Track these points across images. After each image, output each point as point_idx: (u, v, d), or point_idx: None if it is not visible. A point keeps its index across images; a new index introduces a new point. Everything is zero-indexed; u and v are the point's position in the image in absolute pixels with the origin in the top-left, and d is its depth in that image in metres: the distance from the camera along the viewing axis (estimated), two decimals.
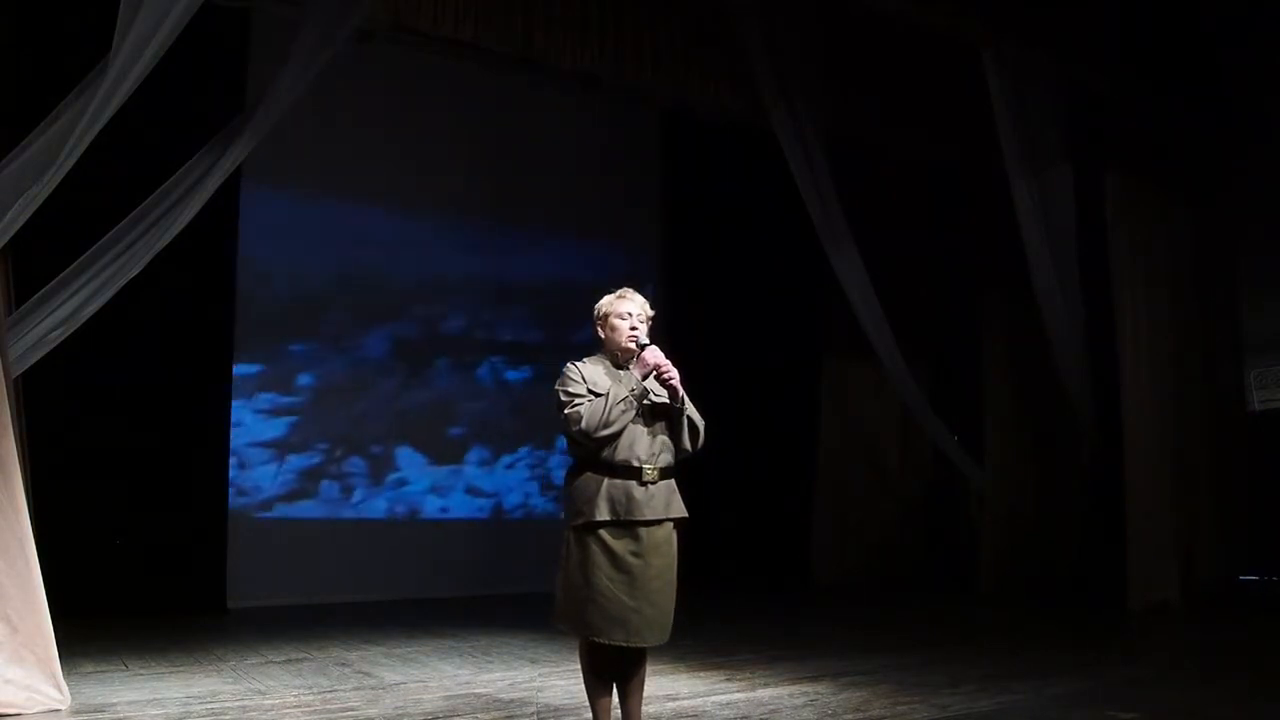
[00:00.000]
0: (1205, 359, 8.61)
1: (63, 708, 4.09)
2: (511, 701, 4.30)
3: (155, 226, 5.29)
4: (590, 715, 3.47)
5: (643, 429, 3.29)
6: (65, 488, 6.28)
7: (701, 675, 4.93)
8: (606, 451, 3.24)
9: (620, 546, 3.20)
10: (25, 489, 4.18)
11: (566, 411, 3.25)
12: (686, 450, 3.41)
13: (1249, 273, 9.25)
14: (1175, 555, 7.83)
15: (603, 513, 3.20)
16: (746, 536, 9.43)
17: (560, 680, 4.73)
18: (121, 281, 5.22)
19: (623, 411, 3.22)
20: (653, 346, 3.34)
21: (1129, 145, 8.31)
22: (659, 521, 3.26)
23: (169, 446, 7.13)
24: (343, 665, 5.20)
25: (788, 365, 9.94)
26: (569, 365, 3.38)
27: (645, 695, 3.52)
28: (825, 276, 8.85)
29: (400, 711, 4.11)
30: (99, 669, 4.95)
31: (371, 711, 4.12)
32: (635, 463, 3.24)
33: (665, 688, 4.54)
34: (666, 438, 3.35)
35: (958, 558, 9.57)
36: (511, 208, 9.09)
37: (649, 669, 3.51)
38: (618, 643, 3.21)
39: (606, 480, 3.23)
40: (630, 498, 3.22)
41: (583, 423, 3.20)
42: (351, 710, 4.14)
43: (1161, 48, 8.55)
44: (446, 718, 4.01)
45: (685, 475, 3.41)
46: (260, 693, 4.48)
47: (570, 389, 3.29)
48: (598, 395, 3.26)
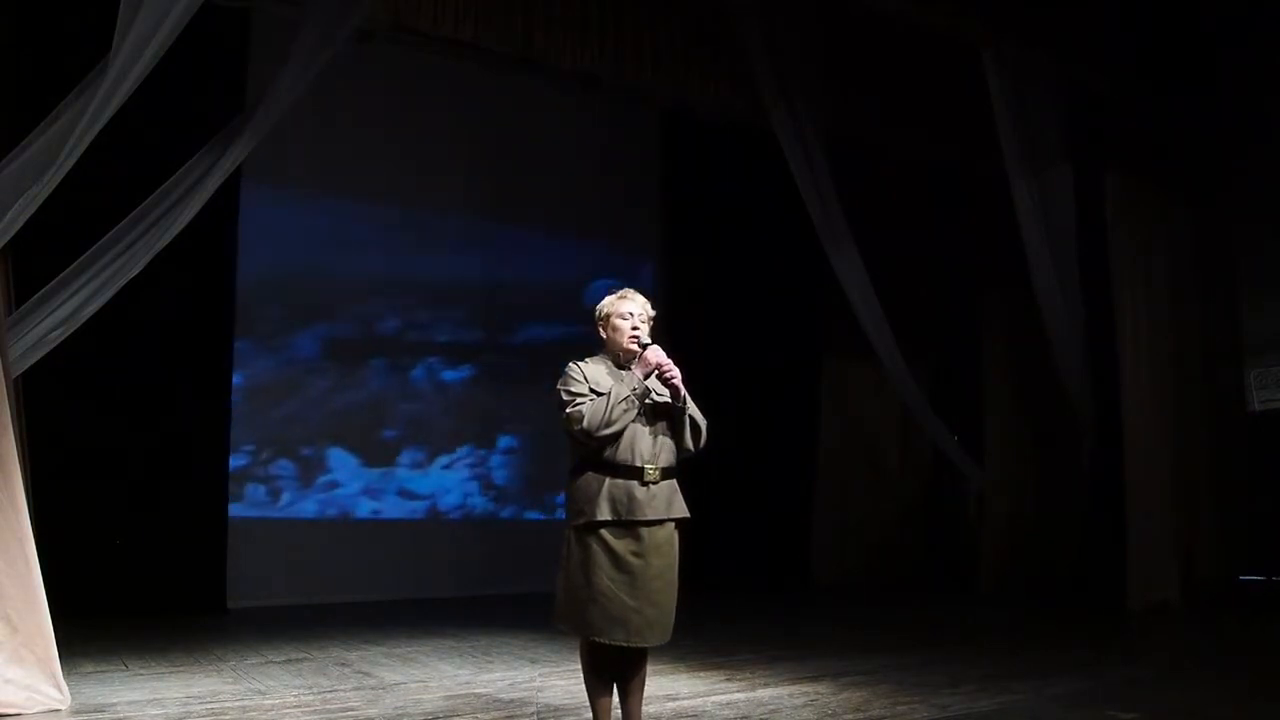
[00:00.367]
0: (1205, 359, 8.62)
1: (63, 708, 4.08)
2: (511, 701, 4.30)
3: (155, 226, 5.30)
4: (590, 715, 3.47)
5: (644, 428, 3.29)
6: (65, 488, 6.27)
7: (701, 675, 4.93)
8: (608, 451, 3.24)
9: (621, 546, 3.20)
10: (25, 489, 4.18)
11: (568, 411, 3.25)
12: (688, 450, 3.40)
13: (1249, 273, 9.26)
14: (1175, 555, 7.84)
15: (604, 512, 3.20)
16: (746, 536, 9.43)
17: (560, 680, 4.73)
18: (121, 281, 5.23)
19: (624, 411, 3.22)
20: (654, 345, 3.33)
21: (1129, 145, 8.31)
22: (660, 521, 3.26)
23: (169, 446, 7.13)
24: (343, 665, 5.20)
25: (788, 365, 9.94)
26: (571, 365, 3.38)
27: (645, 695, 3.52)
28: (825, 276, 8.85)
29: (400, 711, 4.11)
30: (99, 669, 4.95)
31: (371, 711, 4.11)
32: (637, 462, 3.24)
33: (665, 688, 4.54)
34: (668, 437, 3.35)
35: (958, 558, 9.57)
36: (511, 208, 9.09)
37: (649, 669, 3.51)
38: (618, 643, 3.21)
39: (608, 480, 3.23)
40: (632, 497, 3.21)
41: (584, 422, 3.20)
42: (351, 710, 4.14)
43: (1161, 48, 8.56)
44: (446, 718, 4.01)
45: (685, 475, 3.41)
46: (260, 693, 4.48)
47: (572, 388, 3.29)
48: (600, 395, 3.26)
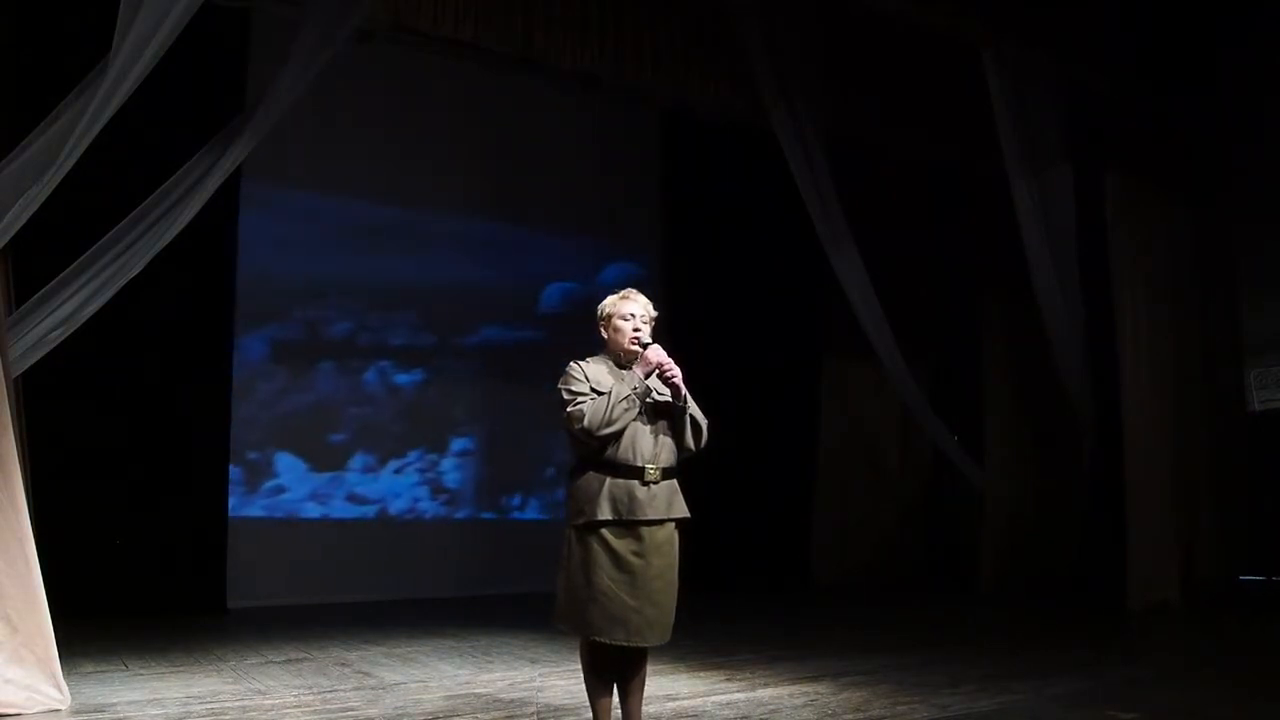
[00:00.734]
0: (1205, 359, 8.61)
1: (63, 708, 4.08)
2: (511, 701, 4.30)
3: (155, 226, 5.30)
4: (590, 715, 3.47)
5: (645, 428, 3.29)
6: (65, 488, 6.27)
7: (701, 675, 4.93)
8: (609, 450, 3.24)
9: (622, 546, 3.20)
10: (25, 489, 4.18)
11: (569, 410, 3.25)
12: (689, 449, 3.40)
13: (1249, 273, 9.25)
14: (1175, 555, 7.84)
15: (605, 512, 3.20)
16: (746, 536, 9.42)
17: (560, 680, 4.73)
18: (121, 281, 5.23)
19: (625, 410, 3.22)
20: (655, 345, 3.32)
21: (1129, 145, 8.30)
22: (661, 521, 3.26)
23: (169, 446, 7.13)
24: (343, 665, 5.19)
25: (788, 365, 9.94)
26: (572, 364, 3.38)
27: (645, 695, 3.52)
28: (825, 276, 8.85)
29: (400, 711, 4.11)
30: (99, 669, 4.95)
31: (371, 711, 4.11)
32: (638, 462, 3.24)
33: (665, 688, 4.54)
34: (669, 437, 3.35)
35: (958, 558, 9.57)
36: (511, 208, 9.08)
37: (649, 669, 3.51)
38: (619, 642, 3.21)
39: (609, 480, 3.23)
40: (632, 497, 3.21)
41: (585, 421, 3.20)
42: (351, 710, 4.14)
43: (1161, 48, 8.55)
44: (446, 718, 4.01)
45: (685, 475, 3.41)
46: (260, 693, 4.48)
47: (573, 387, 3.29)
48: (601, 394, 3.25)
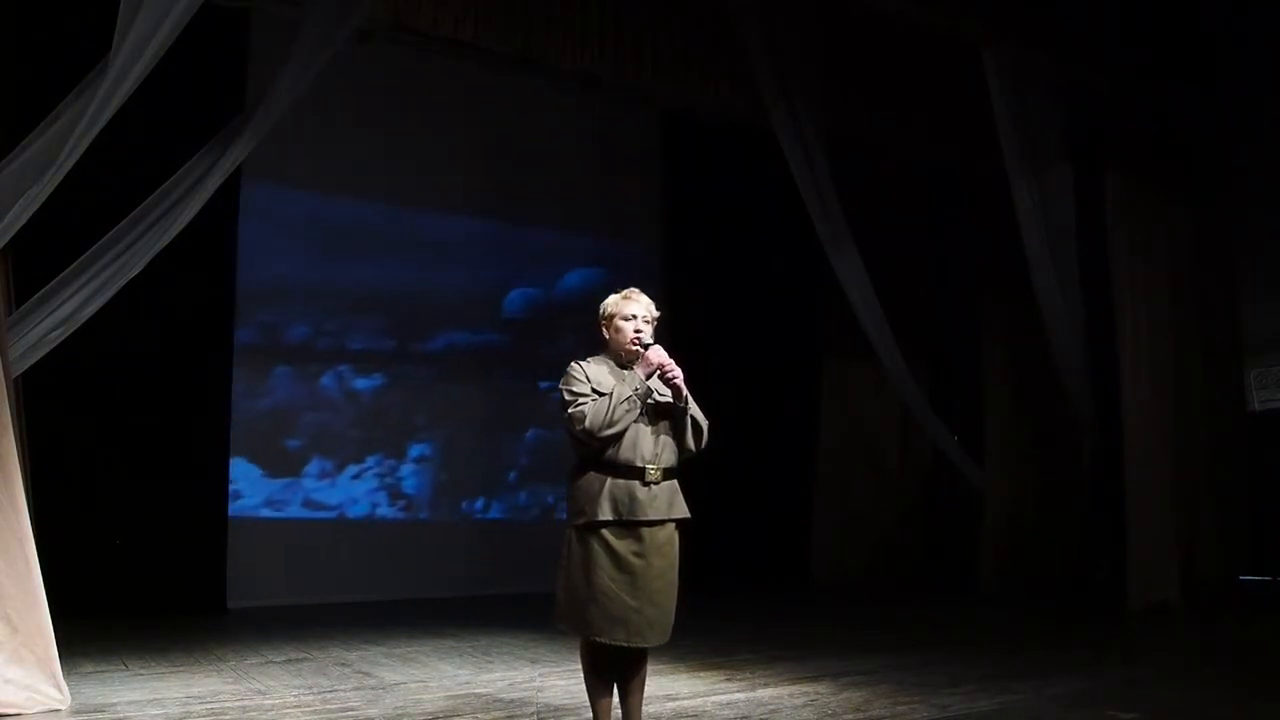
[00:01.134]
0: (1205, 359, 8.61)
1: (63, 708, 4.08)
2: (511, 701, 4.30)
3: (155, 226, 5.30)
4: (591, 715, 3.47)
5: (646, 429, 3.29)
6: (65, 488, 6.27)
7: (701, 675, 4.93)
8: (610, 451, 3.24)
9: (622, 546, 3.20)
10: (25, 489, 4.18)
11: (570, 411, 3.25)
12: (690, 450, 3.40)
13: (1249, 273, 9.25)
14: (1175, 555, 7.83)
15: (605, 512, 3.20)
16: (746, 536, 9.43)
17: (560, 680, 4.73)
18: (121, 281, 5.23)
19: (626, 411, 3.22)
20: (657, 346, 3.32)
21: (1129, 145, 8.30)
22: (661, 522, 3.26)
23: (169, 447, 7.13)
24: (343, 665, 5.19)
25: (788, 365, 9.95)
26: (573, 365, 3.38)
27: (645, 695, 3.52)
28: (825, 276, 8.85)
29: (400, 711, 4.11)
30: (99, 669, 4.95)
31: (371, 711, 4.11)
32: (639, 463, 3.24)
33: (665, 688, 4.54)
34: (670, 437, 3.35)
35: (958, 558, 9.57)
36: (511, 208, 9.08)
37: (649, 669, 3.51)
38: (619, 643, 3.21)
39: (609, 480, 3.23)
40: (633, 498, 3.21)
41: (586, 422, 3.20)
42: (351, 710, 4.14)
43: (1161, 48, 8.55)
44: (446, 718, 4.01)
45: (686, 475, 3.41)
46: (260, 693, 4.48)
47: (574, 388, 3.29)
48: (602, 395, 3.25)
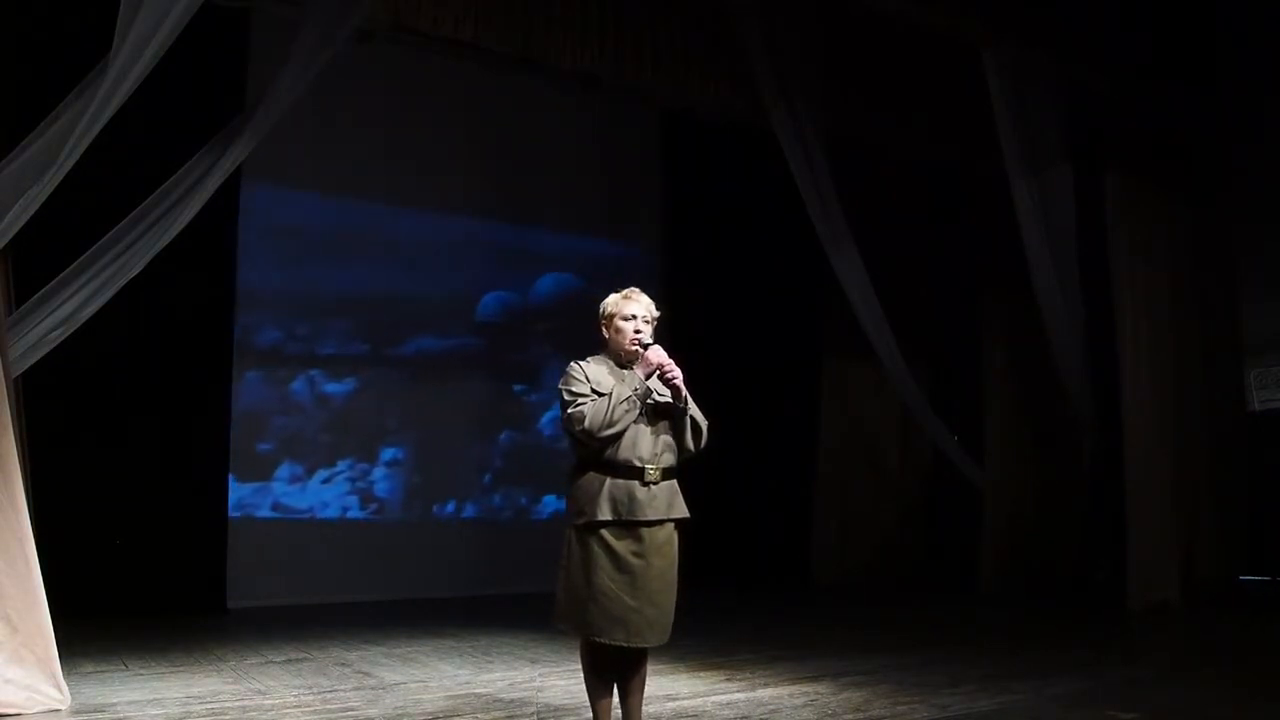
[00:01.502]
0: (1205, 359, 8.60)
1: (63, 708, 4.09)
2: (511, 701, 4.30)
3: (155, 226, 5.30)
4: (591, 715, 3.48)
5: (645, 429, 3.29)
6: (65, 488, 6.26)
7: (701, 675, 4.93)
8: (609, 451, 3.24)
9: (622, 547, 3.20)
10: (25, 489, 4.18)
11: (570, 411, 3.25)
12: (689, 450, 3.41)
13: (1249, 273, 9.24)
14: (1175, 555, 7.83)
15: (605, 513, 3.20)
16: (746, 536, 9.43)
17: (560, 680, 4.73)
18: (121, 281, 5.23)
19: (626, 411, 3.22)
20: (656, 346, 3.32)
21: (1129, 145, 8.29)
22: (660, 522, 3.26)
23: (169, 446, 7.13)
24: (343, 665, 5.20)
25: (788, 365, 9.94)
26: (573, 364, 3.38)
27: (645, 695, 3.52)
28: (825, 276, 8.85)
29: (400, 711, 4.11)
30: (99, 669, 4.95)
31: (371, 711, 4.11)
32: (638, 463, 3.24)
33: (665, 688, 4.54)
34: (669, 438, 3.35)
35: (958, 558, 9.57)
36: (511, 208, 9.09)
37: (649, 669, 3.51)
38: (618, 643, 3.21)
39: (609, 480, 3.23)
40: (632, 498, 3.22)
41: (586, 422, 3.20)
42: (351, 710, 4.14)
43: (1161, 48, 8.54)
44: (447, 718, 4.01)
45: (685, 475, 3.41)
46: (260, 693, 4.48)
47: (574, 388, 3.29)
48: (601, 395, 3.25)
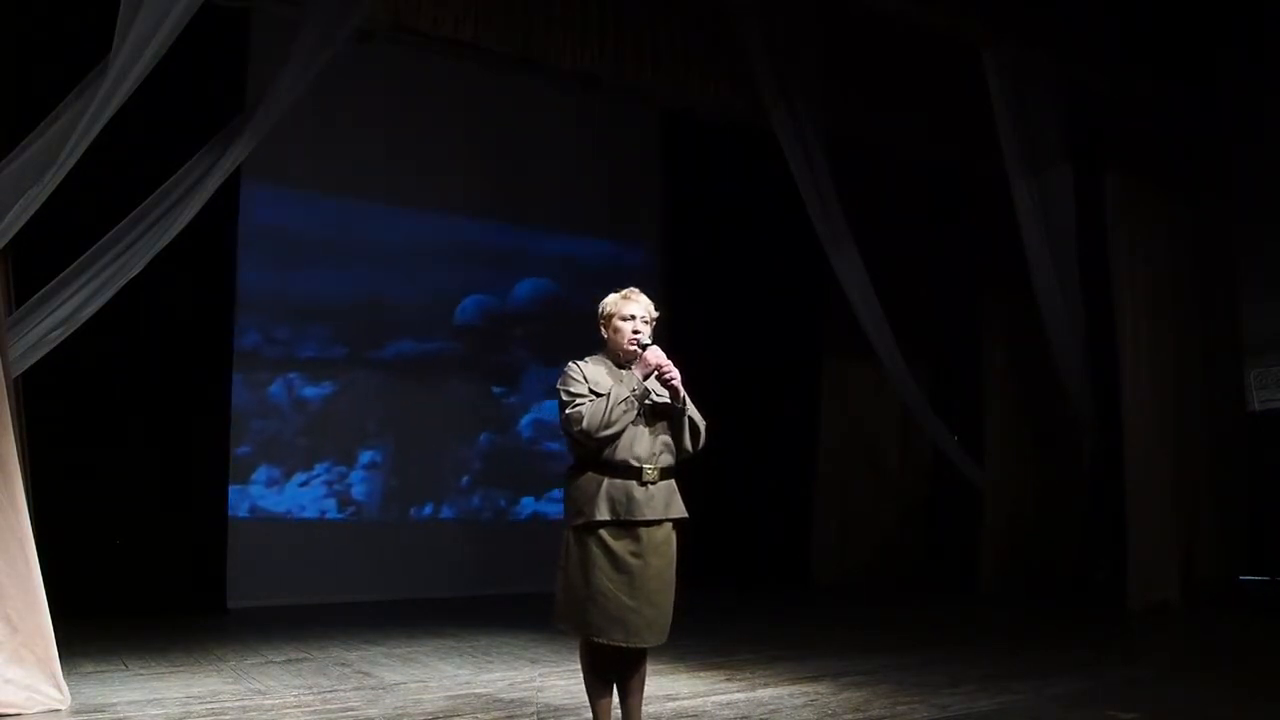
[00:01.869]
0: (1205, 359, 8.60)
1: (63, 708, 4.09)
2: (511, 701, 4.30)
3: (155, 226, 5.30)
4: (590, 715, 3.48)
5: (644, 429, 3.29)
6: (65, 488, 6.27)
7: (701, 675, 4.93)
8: (607, 451, 3.24)
9: (620, 547, 3.21)
10: (25, 489, 4.18)
11: (568, 411, 3.25)
12: (687, 451, 3.41)
13: (1249, 273, 9.24)
14: (1175, 555, 7.83)
15: (603, 513, 3.20)
16: (746, 536, 9.43)
17: (560, 680, 4.73)
18: (121, 281, 5.23)
19: (624, 411, 3.22)
20: (654, 346, 3.33)
21: (1129, 145, 8.29)
22: (659, 522, 3.26)
23: (169, 447, 7.13)
24: (343, 665, 5.20)
25: (788, 365, 9.94)
26: (571, 365, 3.38)
27: (645, 695, 3.52)
28: (825, 276, 8.85)
29: (400, 711, 4.11)
30: (99, 669, 4.95)
31: (371, 711, 4.12)
32: (635, 463, 3.24)
33: (665, 688, 4.54)
34: (667, 438, 3.35)
35: (958, 558, 9.57)
36: (511, 208, 9.09)
37: (649, 669, 3.51)
38: (617, 643, 3.21)
39: (607, 480, 3.23)
40: (630, 498, 3.22)
41: (584, 422, 3.20)
42: (351, 710, 4.14)
43: (1161, 48, 8.54)
44: (447, 718, 4.01)
45: (685, 475, 3.41)
46: (260, 693, 4.48)
47: (572, 389, 3.29)
48: (599, 395, 3.25)
